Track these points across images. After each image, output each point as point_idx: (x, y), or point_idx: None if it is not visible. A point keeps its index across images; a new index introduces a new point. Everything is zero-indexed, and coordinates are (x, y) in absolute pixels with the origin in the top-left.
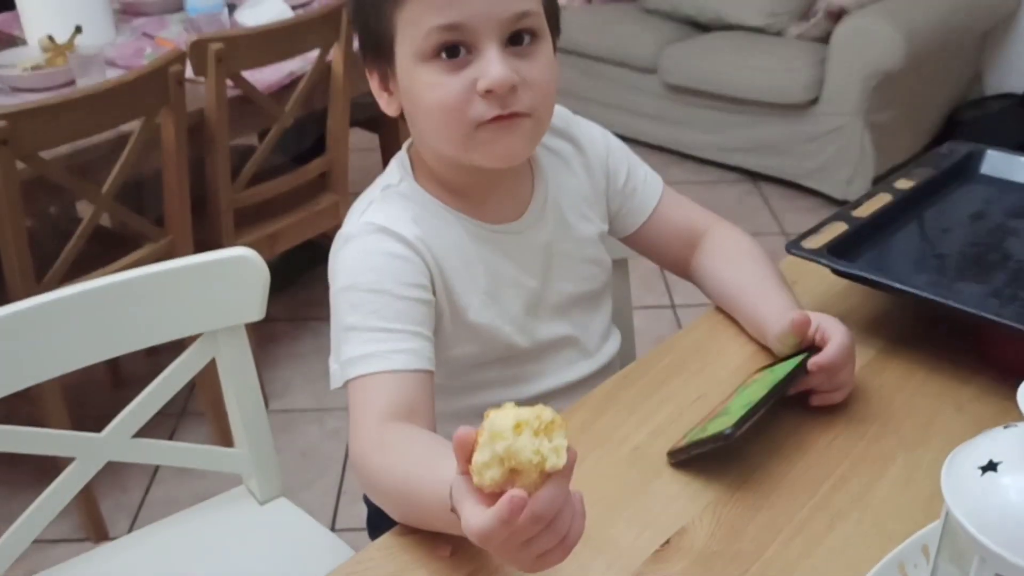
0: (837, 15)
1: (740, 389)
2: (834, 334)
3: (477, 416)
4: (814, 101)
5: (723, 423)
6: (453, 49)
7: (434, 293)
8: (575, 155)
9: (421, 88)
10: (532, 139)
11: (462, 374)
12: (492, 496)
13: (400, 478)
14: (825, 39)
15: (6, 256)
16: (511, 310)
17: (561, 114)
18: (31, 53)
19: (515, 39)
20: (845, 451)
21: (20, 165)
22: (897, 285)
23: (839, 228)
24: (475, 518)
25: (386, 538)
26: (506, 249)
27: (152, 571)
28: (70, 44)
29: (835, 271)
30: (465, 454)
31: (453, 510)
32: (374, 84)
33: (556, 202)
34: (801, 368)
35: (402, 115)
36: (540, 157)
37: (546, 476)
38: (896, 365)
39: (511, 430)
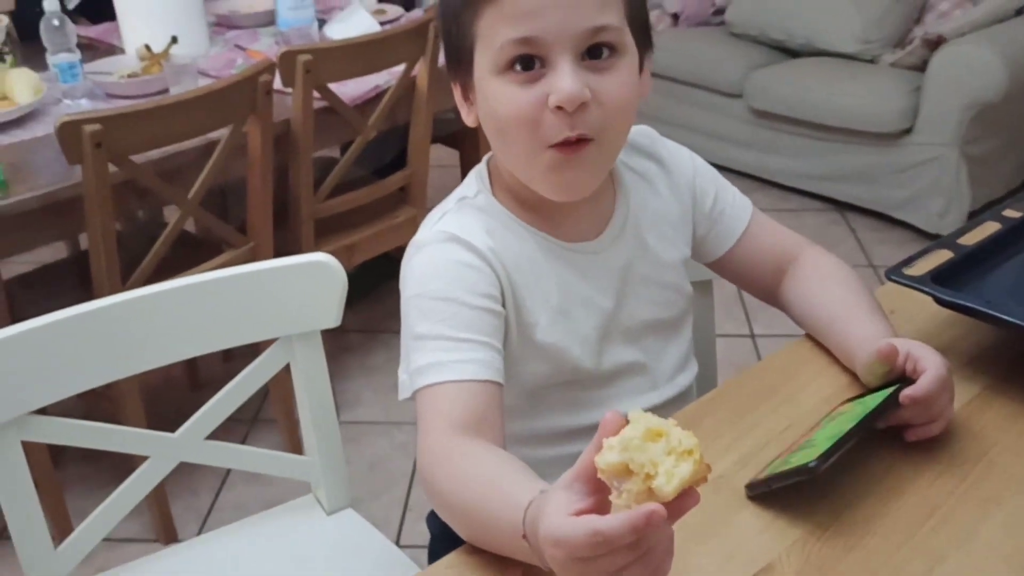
0: (935, 43)
1: (825, 421)
2: (928, 363)
3: (538, 440)
4: (907, 130)
5: (807, 455)
6: (527, 62)
7: (504, 306)
8: (660, 176)
9: (495, 100)
10: (598, 168)
11: (527, 395)
12: (587, 513)
13: (469, 496)
14: (921, 67)
15: (94, 257)
16: (582, 330)
17: (647, 133)
18: (128, 62)
19: (593, 52)
20: (947, 491)
21: (112, 168)
22: (1005, 317)
23: (943, 256)
24: (566, 524)
25: (453, 556)
26: (581, 268)
27: (218, 575)
28: (165, 53)
29: (939, 300)
30: (605, 435)
31: (525, 537)
32: (457, 94)
33: (637, 223)
34: (892, 400)
35: (481, 127)
36: (623, 176)
37: (649, 493)
38: (1003, 403)
39: (649, 431)
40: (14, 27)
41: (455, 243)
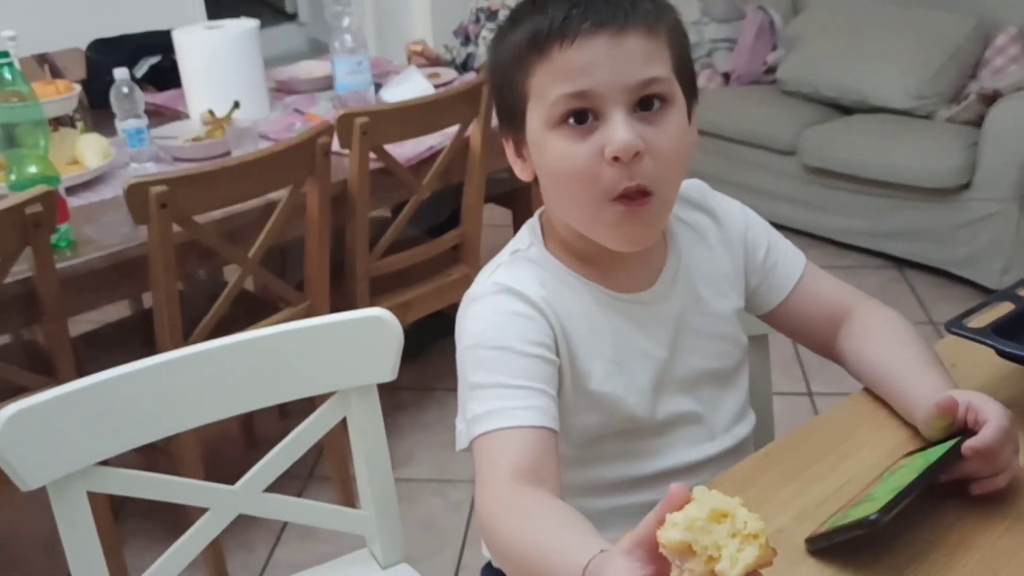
0: (991, 98)
1: (886, 475)
2: (990, 414)
3: (593, 491)
4: (966, 186)
5: (868, 508)
6: (581, 115)
7: (558, 355)
8: (712, 228)
9: (550, 155)
10: (658, 221)
11: (581, 445)
12: None
13: (527, 550)
14: (977, 123)
15: (158, 314)
16: (637, 381)
17: (698, 187)
18: (192, 126)
19: (645, 104)
20: (1015, 549)
21: (176, 228)
22: None
23: (1005, 308)
24: None
25: None
26: (635, 319)
27: None
28: (228, 118)
29: (1000, 352)
30: (669, 508)
31: None
32: (509, 151)
33: (689, 275)
34: (954, 452)
35: (536, 182)
36: (674, 228)
37: (711, 575)
38: None
39: (714, 511)
40: (86, 95)
41: (509, 294)
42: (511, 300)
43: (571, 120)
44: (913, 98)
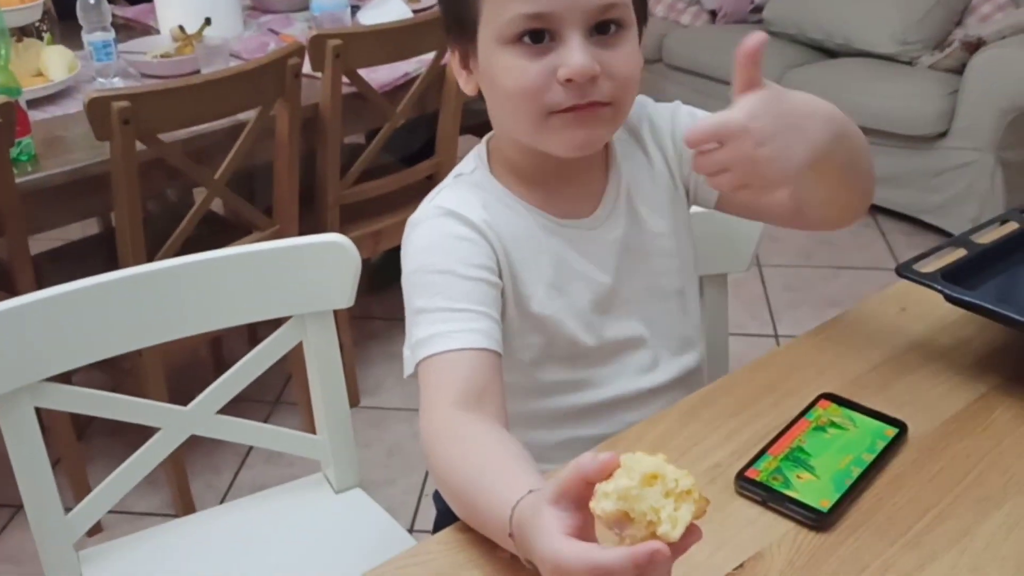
0: (975, 46)
1: (813, 422)
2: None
3: (540, 422)
4: (943, 134)
5: (812, 491)
6: (537, 35)
7: (500, 278)
8: (650, 136)
9: (500, 71)
10: (609, 128)
11: (528, 371)
12: (578, 529)
13: (462, 480)
14: (960, 70)
15: (120, 233)
16: (577, 304)
17: (641, 100)
18: (162, 42)
19: (601, 28)
20: (945, 489)
21: (140, 147)
22: (1014, 316)
23: (957, 254)
24: (565, 550)
25: (446, 533)
26: (576, 244)
27: (221, 546)
28: (198, 35)
29: (949, 298)
30: (598, 478)
31: (511, 535)
32: (454, 62)
33: (629, 196)
34: (897, 440)
35: (480, 96)
36: (616, 147)
37: (654, 539)
38: (1010, 403)
39: (644, 476)
40: (53, 6)
41: (451, 217)
42: (453, 223)
43: (526, 39)
44: (898, 43)
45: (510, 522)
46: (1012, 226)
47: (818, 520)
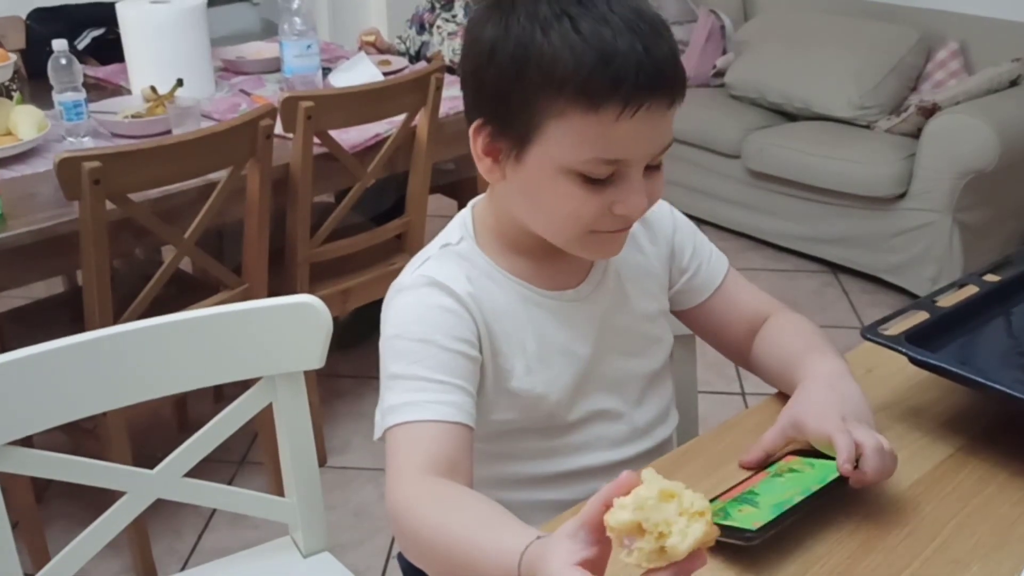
0: (930, 111)
1: (772, 472)
2: (866, 446)
3: (508, 485)
4: (901, 196)
5: (749, 518)
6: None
7: (480, 352)
8: (642, 230)
9: (554, 195)
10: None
11: (500, 441)
12: (589, 563)
13: (452, 541)
14: (916, 134)
15: (87, 292)
16: (559, 379)
17: None
18: (133, 102)
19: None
20: (914, 553)
21: (110, 206)
22: (980, 379)
23: (920, 317)
24: None
25: None
26: (560, 316)
27: None
28: (170, 95)
29: (913, 360)
30: (617, 493)
31: None
32: (478, 145)
33: (617, 274)
34: (840, 481)
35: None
36: None
37: (661, 552)
38: (975, 465)
39: (662, 491)
40: (24, 66)
41: (436, 288)
42: (437, 294)
43: (590, 174)
44: (855, 108)
45: (518, 567)
46: (971, 289)
47: (744, 539)
